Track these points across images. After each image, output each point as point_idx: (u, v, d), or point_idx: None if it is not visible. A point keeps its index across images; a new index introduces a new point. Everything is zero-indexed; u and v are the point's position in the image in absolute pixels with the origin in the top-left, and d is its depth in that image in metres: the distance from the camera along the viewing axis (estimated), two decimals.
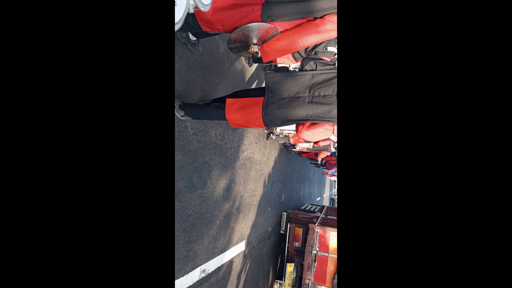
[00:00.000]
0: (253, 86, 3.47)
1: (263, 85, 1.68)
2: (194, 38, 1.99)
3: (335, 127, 1.54)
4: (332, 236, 4.20)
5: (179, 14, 0.90)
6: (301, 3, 1.29)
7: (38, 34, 0.53)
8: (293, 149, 5.27)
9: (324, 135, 1.67)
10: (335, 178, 21.45)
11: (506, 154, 0.52)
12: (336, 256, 4.14)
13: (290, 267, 4.77)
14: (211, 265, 2.82)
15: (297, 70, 1.62)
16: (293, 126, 1.76)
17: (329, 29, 1.31)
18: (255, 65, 3.42)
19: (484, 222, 0.53)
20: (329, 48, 2.08)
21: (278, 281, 4.87)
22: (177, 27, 0.90)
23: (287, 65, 2.34)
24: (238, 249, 3.54)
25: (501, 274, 0.52)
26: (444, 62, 0.57)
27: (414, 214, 0.57)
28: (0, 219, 0.50)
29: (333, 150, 4.63)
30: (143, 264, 0.57)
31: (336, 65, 1.52)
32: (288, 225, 5.20)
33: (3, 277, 0.48)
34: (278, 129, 3.91)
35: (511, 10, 0.52)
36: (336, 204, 22.14)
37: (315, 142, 4.25)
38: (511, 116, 0.52)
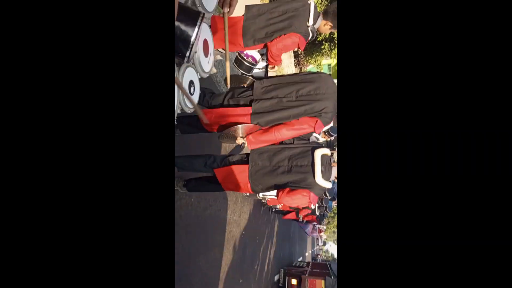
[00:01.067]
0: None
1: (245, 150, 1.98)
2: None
3: (311, 194, 1.76)
4: (317, 283, 6.38)
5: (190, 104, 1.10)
6: (283, 111, 1.68)
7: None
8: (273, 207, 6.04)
9: (301, 201, 1.81)
10: (317, 235, 21.42)
11: (506, 155, 0.52)
12: None
13: None
14: None
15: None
16: (273, 192, 1.98)
17: (303, 127, 1.70)
18: None
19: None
20: None
21: None
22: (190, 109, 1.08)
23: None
24: None
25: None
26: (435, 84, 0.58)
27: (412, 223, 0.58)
28: None
29: (313, 207, 4.50)
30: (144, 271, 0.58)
31: (310, 140, 1.90)
32: (286, 278, 6.81)
33: (2, 277, 0.49)
34: (261, 194, 4.21)
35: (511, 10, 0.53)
36: (318, 260, 21.53)
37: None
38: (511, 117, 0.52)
